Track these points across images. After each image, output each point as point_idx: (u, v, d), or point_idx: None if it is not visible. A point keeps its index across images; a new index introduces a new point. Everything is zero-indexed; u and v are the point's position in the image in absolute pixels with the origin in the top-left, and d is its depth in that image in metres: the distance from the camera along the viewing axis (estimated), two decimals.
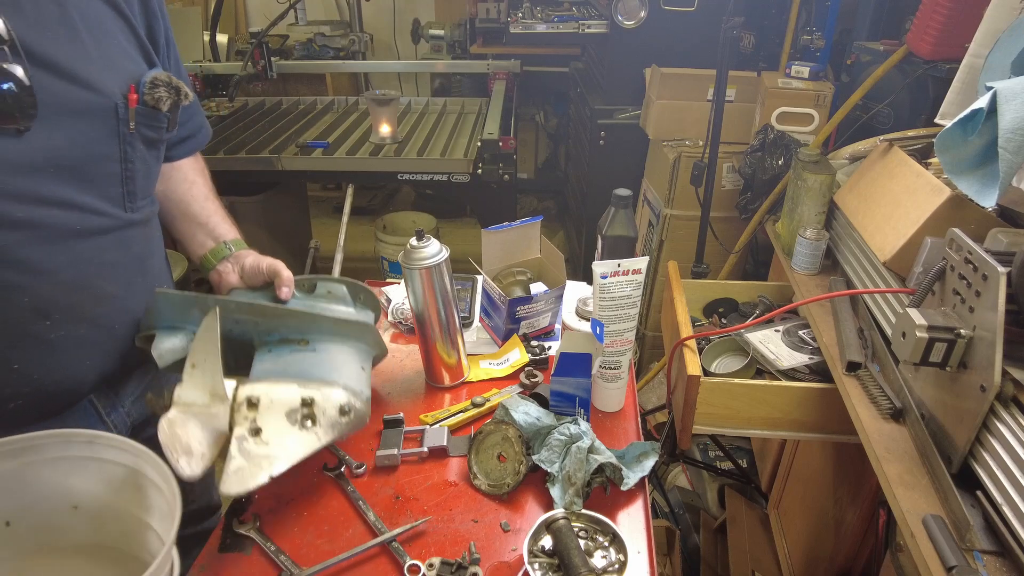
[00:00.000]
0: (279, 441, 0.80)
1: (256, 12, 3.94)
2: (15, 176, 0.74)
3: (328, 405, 0.84)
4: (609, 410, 1.07)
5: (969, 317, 0.88)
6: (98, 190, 0.83)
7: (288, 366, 0.88)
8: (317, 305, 0.99)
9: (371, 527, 0.86)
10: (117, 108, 0.82)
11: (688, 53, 2.30)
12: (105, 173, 0.84)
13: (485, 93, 3.04)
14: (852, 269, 1.41)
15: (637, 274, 0.98)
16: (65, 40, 0.77)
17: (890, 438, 1.03)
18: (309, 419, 0.83)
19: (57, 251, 0.79)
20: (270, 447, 0.79)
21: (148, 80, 0.86)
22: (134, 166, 0.87)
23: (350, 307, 1.03)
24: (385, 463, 0.96)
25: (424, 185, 2.42)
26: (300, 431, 0.82)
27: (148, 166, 0.91)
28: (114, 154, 0.84)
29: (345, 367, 0.91)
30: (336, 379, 0.87)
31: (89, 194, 0.82)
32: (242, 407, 0.80)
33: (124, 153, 0.85)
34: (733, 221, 2.11)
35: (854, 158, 1.59)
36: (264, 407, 0.81)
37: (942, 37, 1.47)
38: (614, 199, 1.07)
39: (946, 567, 0.80)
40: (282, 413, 0.82)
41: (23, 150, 0.74)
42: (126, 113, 0.83)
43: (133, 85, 0.84)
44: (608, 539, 0.81)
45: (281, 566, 0.80)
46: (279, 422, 0.81)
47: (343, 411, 0.85)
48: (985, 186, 0.96)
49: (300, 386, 0.84)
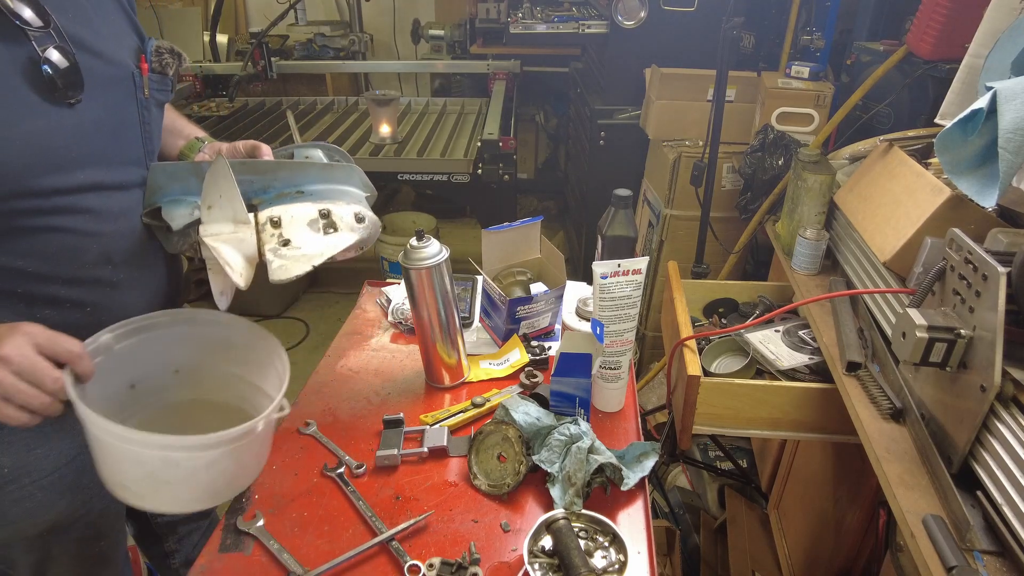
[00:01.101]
0: (310, 245, 0.88)
1: (256, 12, 3.93)
2: (76, 141, 0.84)
3: (344, 212, 0.91)
4: (609, 410, 1.07)
5: (969, 317, 0.88)
6: (125, 153, 0.93)
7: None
8: None
9: (371, 527, 0.86)
10: (133, 77, 0.92)
11: (688, 53, 2.30)
12: (130, 137, 0.94)
13: (485, 93, 3.04)
14: (852, 269, 1.41)
15: (637, 274, 0.98)
16: (83, 20, 0.86)
17: (890, 438, 1.03)
18: (331, 227, 0.90)
19: (113, 203, 0.90)
20: (303, 249, 0.87)
21: (153, 49, 0.96)
22: (150, 128, 0.97)
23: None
24: (385, 463, 0.96)
25: (424, 185, 2.42)
26: (325, 236, 0.89)
27: (159, 127, 1.02)
28: (134, 119, 0.94)
29: (343, 199, 0.96)
30: (342, 198, 0.94)
31: (120, 156, 0.92)
32: (266, 227, 0.89)
33: (142, 117, 0.95)
34: (733, 221, 2.11)
35: (854, 158, 1.59)
36: (287, 223, 0.89)
37: (942, 37, 1.47)
38: (614, 199, 1.07)
39: (946, 567, 0.80)
40: (304, 224, 0.89)
41: (78, 119, 0.84)
42: (141, 81, 0.93)
43: (143, 55, 0.94)
44: (608, 539, 0.82)
45: (285, 566, 0.80)
46: (304, 232, 0.89)
47: (358, 218, 0.92)
48: (985, 186, 0.96)
49: (314, 203, 0.91)
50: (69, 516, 0.96)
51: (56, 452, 0.93)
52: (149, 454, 0.78)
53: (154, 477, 0.80)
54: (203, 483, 0.82)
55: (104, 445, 0.79)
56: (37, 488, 0.92)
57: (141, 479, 0.81)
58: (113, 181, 0.90)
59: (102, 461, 0.81)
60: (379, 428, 1.01)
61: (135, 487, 0.82)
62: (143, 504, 0.83)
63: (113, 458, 0.80)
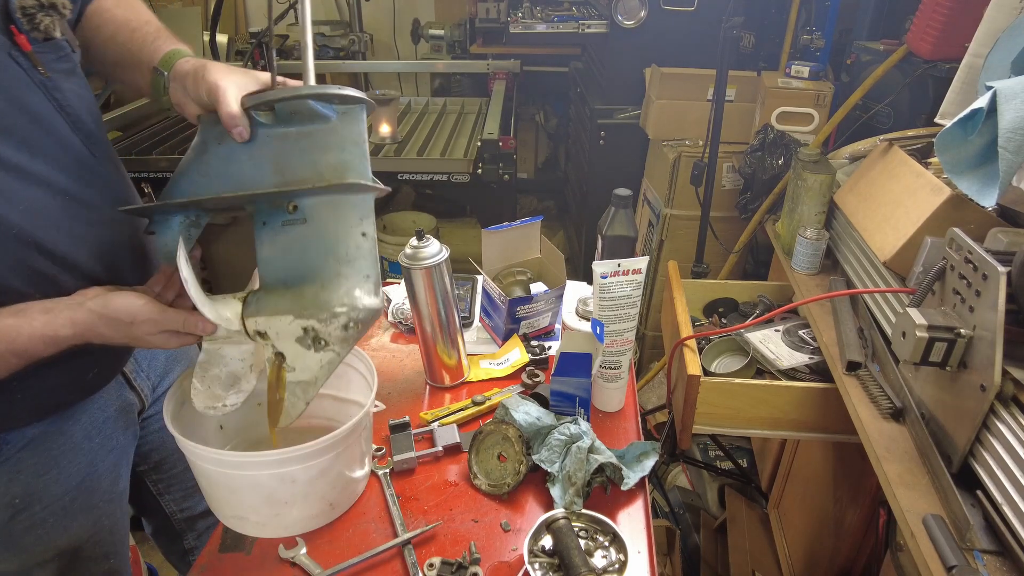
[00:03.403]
0: (303, 364, 0.80)
1: (256, 12, 3.93)
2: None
3: (330, 328, 0.80)
4: (609, 410, 1.07)
5: (969, 317, 0.88)
6: (49, 146, 0.78)
7: (286, 256, 0.80)
8: (287, 144, 0.80)
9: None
10: (15, 59, 0.74)
11: (688, 53, 2.30)
12: (51, 126, 0.78)
13: (485, 93, 3.03)
14: (852, 269, 1.40)
15: (637, 274, 0.98)
16: None
17: (890, 438, 1.03)
18: (319, 341, 0.80)
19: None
20: (297, 372, 0.80)
21: (18, 8, 0.74)
22: (73, 105, 0.81)
23: (328, 118, 0.80)
24: (404, 467, 0.95)
25: (424, 185, 2.42)
26: (316, 352, 0.81)
27: (82, 95, 0.84)
28: (46, 109, 0.78)
29: (341, 243, 0.79)
30: (331, 296, 0.78)
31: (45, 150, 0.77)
32: (257, 337, 0.81)
33: (55, 100, 0.79)
34: (733, 221, 2.11)
35: (854, 158, 1.59)
36: (273, 336, 0.80)
37: (942, 37, 1.47)
38: (614, 199, 1.07)
39: (946, 567, 0.80)
40: (292, 340, 0.80)
41: None
42: (27, 60, 0.75)
43: (13, 27, 0.74)
44: (608, 539, 0.81)
45: (298, 564, 0.81)
46: (294, 347, 0.80)
47: (347, 327, 0.81)
48: (985, 186, 0.96)
49: (296, 316, 0.79)
50: (80, 537, 0.94)
51: (65, 475, 0.90)
52: (265, 476, 0.79)
53: (272, 500, 0.81)
54: (320, 494, 0.83)
55: (219, 478, 0.79)
56: (49, 513, 0.89)
57: (260, 505, 0.82)
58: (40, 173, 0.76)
59: (217, 496, 0.82)
60: (385, 433, 1.00)
61: (255, 516, 0.83)
62: (262, 533, 0.84)
63: (229, 489, 0.80)
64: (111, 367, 0.94)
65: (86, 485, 0.92)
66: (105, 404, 0.94)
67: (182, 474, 1.13)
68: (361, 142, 0.80)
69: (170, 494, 1.14)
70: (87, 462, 0.92)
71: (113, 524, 0.99)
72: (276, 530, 0.84)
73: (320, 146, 0.79)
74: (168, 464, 1.11)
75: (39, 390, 0.83)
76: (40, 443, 0.87)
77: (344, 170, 0.78)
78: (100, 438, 0.93)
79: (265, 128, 0.79)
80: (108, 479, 0.95)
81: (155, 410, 1.06)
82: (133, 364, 1.00)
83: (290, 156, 0.79)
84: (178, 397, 0.87)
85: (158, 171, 2.26)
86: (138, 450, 1.04)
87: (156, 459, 1.10)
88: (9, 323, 0.72)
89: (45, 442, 0.87)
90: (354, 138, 0.80)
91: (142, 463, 1.08)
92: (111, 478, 0.96)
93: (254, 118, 0.78)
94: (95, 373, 0.90)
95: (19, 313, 0.73)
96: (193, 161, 0.81)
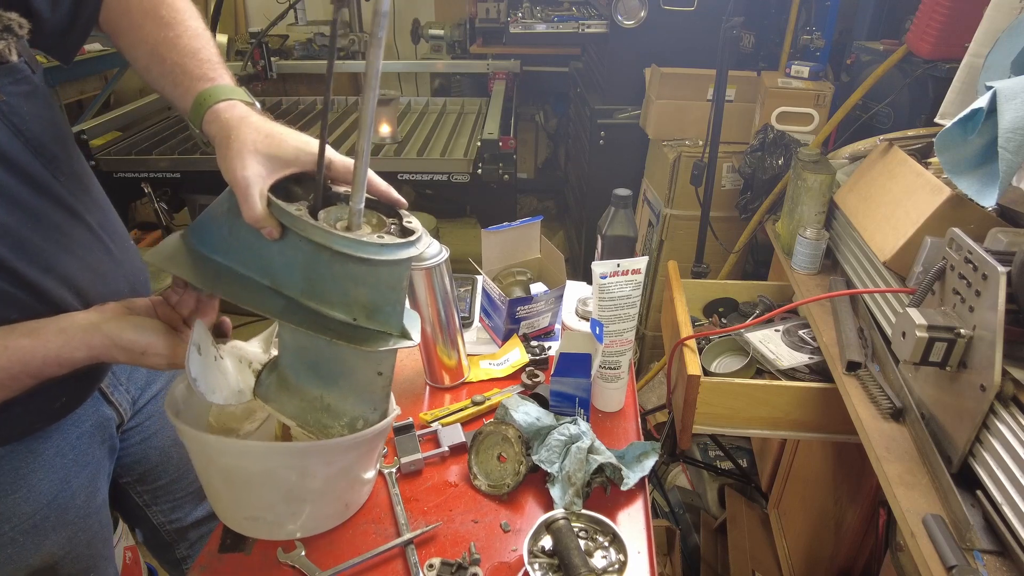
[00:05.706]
0: (307, 438, 0.80)
1: (256, 12, 3.93)
2: None
3: (331, 435, 0.78)
4: (609, 410, 1.07)
5: (969, 317, 0.88)
6: (24, 171, 0.75)
7: (300, 355, 0.77)
8: (319, 261, 0.69)
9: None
10: None
11: (688, 53, 2.30)
12: (16, 152, 0.75)
13: (485, 93, 3.04)
14: (852, 269, 1.41)
15: (637, 274, 0.98)
16: None
17: (890, 438, 1.03)
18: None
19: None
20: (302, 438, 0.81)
21: None
22: (33, 128, 0.76)
23: (374, 248, 0.70)
24: (411, 468, 0.95)
25: (424, 185, 2.42)
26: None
27: (47, 120, 0.79)
28: (3, 132, 0.73)
29: (357, 372, 0.78)
30: (334, 419, 0.78)
31: (21, 173, 0.75)
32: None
33: (15, 127, 0.74)
34: (733, 221, 2.11)
35: (854, 158, 1.59)
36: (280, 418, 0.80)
37: (942, 37, 1.47)
38: (614, 199, 1.07)
39: (946, 567, 0.80)
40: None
41: None
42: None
43: None
44: (608, 539, 0.81)
45: (296, 566, 0.80)
46: (298, 430, 0.80)
47: (354, 428, 0.80)
48: (985, 186, 0.96)
49: (299, 424, 0.78)
50: (55, 554, 0.90)
51: (36, 493, 0.86)
52: (285, 472, 0.78)
53: (291, 497, 0.80)
54: (338, 493, 0.83)
55: (237, 474, 0.78)
56: (19, 533, 0.85)
57: (277, 503, 0.80)
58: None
59: (229, 497, 0.81)
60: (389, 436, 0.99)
61: (270, 515, 0.82)
62: (275, 534, 0.82)
63: (246, 486, 0.79)
64: (80, 395, 0.90)
65: (59, 502, 0.89)
66: (79, 420, 0.91)
67: (168, 486, 1.10)
68: (399, 288, 0.74)
69: (157, 505, 1.11)
70: (59, 479, 0.88)
71: (91, 538, 0.95)
72: (290, 531, 0.83)
73: (353, 277, 0.70)
74: (153, 476, 1.08)
75: (1, 419, 0.80)
76: (7, 463, 0.83)
77: (374, 311, 0.72)
78: (74, 454, 0.90)
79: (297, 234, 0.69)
80: (83, 495, 0.92)
81: (136, 422, 1.02)
82: (111, 379, 0.96)
83: (321, 274, 0.70)
84: (177, 398, 0.85)
85: (158, 171, 2.26)
86: (120, 462, 1.01)
87: (140, 471, 1.06)
88: (24, 344, 0.71)
89: (12, 461, 0.84)
90: (392, 283, 0.73)
91: (125, 475, 1.04)
92: (86, 493, 0.92)
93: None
94: (63, 402, 0.87)
95: (33, 333, 0.72)
96: (226, 214, 0.73)
